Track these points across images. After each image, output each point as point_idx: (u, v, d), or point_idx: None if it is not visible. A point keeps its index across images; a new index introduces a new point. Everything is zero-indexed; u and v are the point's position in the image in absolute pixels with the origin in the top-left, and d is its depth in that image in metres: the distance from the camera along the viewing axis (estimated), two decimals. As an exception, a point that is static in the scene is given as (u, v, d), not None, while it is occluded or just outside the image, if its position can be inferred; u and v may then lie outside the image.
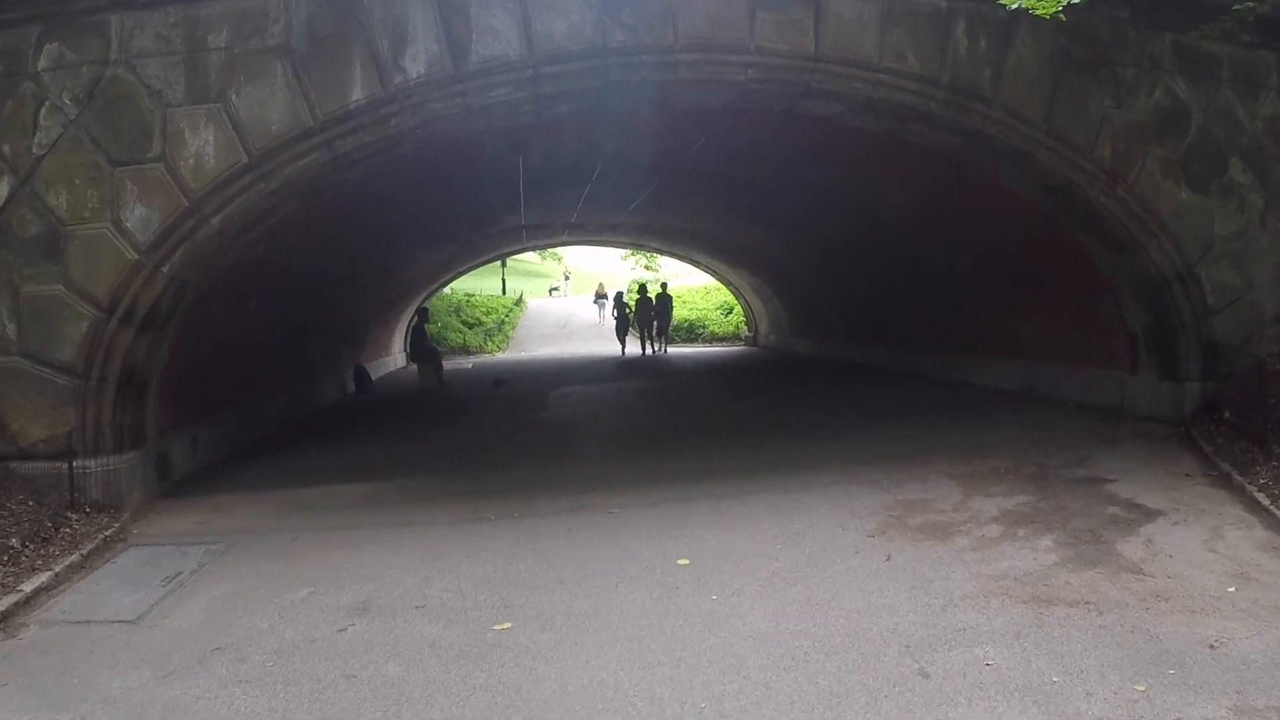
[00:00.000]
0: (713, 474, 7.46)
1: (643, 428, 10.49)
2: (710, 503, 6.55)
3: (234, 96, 6.59)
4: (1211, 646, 3.76)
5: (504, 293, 44.72)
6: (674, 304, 25.69)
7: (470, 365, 22.09)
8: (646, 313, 23.10)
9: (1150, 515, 5.58)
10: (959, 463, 7.26)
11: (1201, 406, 7.98)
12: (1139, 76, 7.89)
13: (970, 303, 12.68)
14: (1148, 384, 8.59)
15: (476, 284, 42.50)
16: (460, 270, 24.00)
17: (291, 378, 12.62)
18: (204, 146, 6.60)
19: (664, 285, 25.09)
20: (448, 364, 23.18)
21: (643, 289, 24.21)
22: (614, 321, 24.10)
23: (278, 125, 6.67)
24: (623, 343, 23.23)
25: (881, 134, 8.46)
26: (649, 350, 22.90)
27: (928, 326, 14.57)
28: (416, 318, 16.60)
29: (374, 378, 18.28)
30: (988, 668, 3.69)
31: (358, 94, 6.69)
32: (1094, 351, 9.57)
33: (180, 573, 5.53)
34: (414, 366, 16.66)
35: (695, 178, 13.07)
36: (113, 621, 4.78)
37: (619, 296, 25.46)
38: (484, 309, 34.76)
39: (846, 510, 6.11)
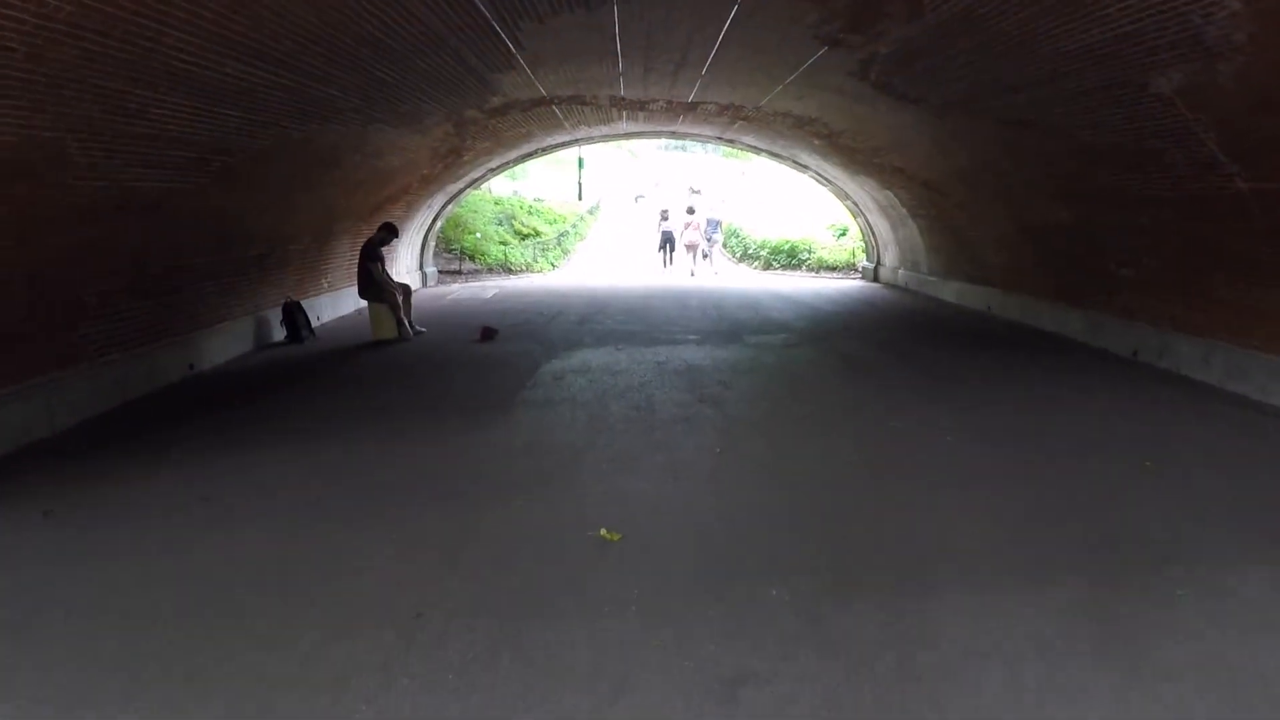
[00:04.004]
0: None
1: (648, 508, 4.76)
2: None
3: None
4: None
5: (580, 198, 39.18)
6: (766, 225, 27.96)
7: (491, 293, 16.69)
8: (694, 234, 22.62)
9: None
10: None
11: None
12: None
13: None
14: None
15: (553, 191, 36.98)
16: (493, 167, 18.39)
17: (115, 338, 7.56)
18: None
19: (690, 210, 24.63)
20: (476, 284, 18.04)
21: (690, 210, 23.17)
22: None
23: None
24: (664, 260, 23.04)
25: None
26: (694, 271, 22.08)
27: (1181, 288, 8.57)
28: (383, 235, 11.14)
29: (342, 314, 13.18)
30: None
31: None
32: None
33: None
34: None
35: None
36: None
37: (663, 213, 24.04)
38: (548, 218, 29.32)
39: None
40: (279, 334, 10.88)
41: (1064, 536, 4.42)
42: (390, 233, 11.12)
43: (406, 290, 11.08)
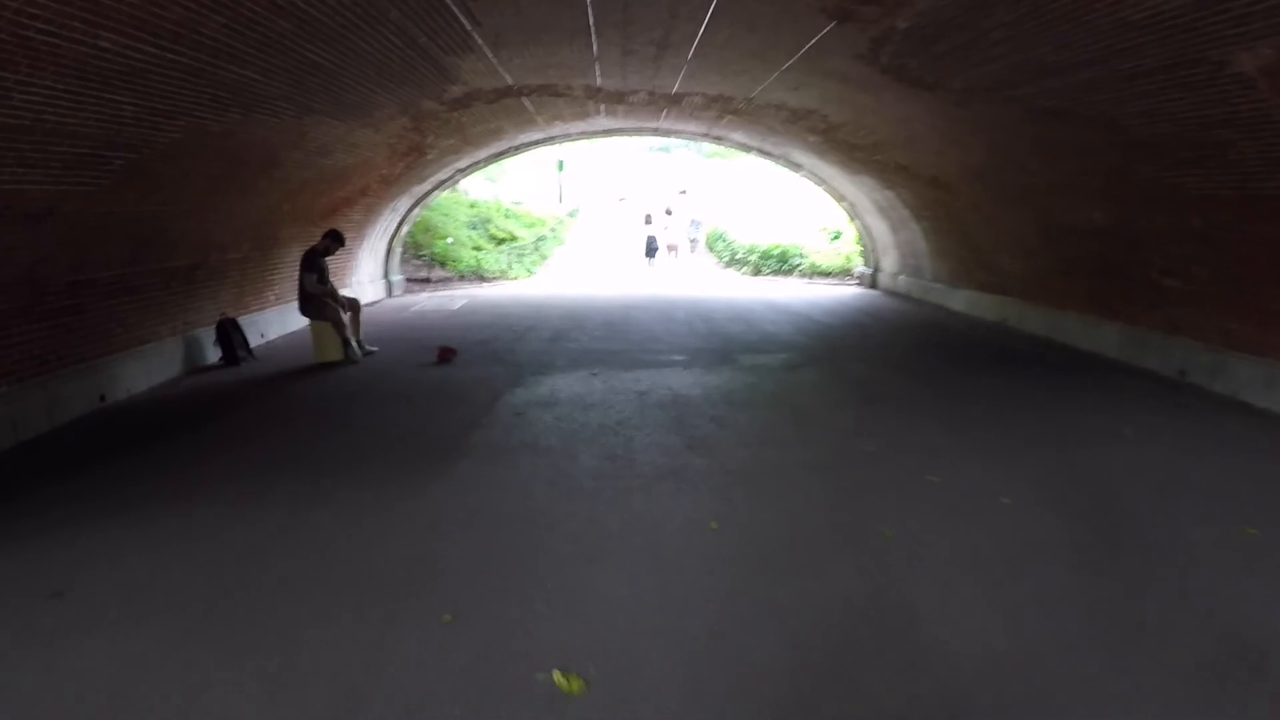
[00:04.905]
0: None
1: (621, 627, 3.51)
2: None
3: None
4: None
5: (560, 200, 37.91)
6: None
7: (460, 304, 15.41)
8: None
9: None
10: None
11: None
12: None
13: None
14: None
15: (534, 193, 35.68)
16: (462, 167, 17.08)
17: (4, 368, 6.35)
18: None
19: (668, 211, 26.13)
20: (444, 294, 16.68)
21: (668, 211, 25.96)
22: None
23: None
24: (648, 264, 23.85)
25: None
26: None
27: (1239, 300, 7.51)
28: (328, 244, 9.79)
29: (291, 330, 11.86)
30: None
31: None
32: None
33: None
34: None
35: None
36: None
37: (647, 217, 25.37)
38: (525, 221, 28.07)
39: None
40: (214, 355, 9.57)
41: (1183, 652, 3.23)
42: (335, 240, 9.79)
43: (355, 305, 9.77)
